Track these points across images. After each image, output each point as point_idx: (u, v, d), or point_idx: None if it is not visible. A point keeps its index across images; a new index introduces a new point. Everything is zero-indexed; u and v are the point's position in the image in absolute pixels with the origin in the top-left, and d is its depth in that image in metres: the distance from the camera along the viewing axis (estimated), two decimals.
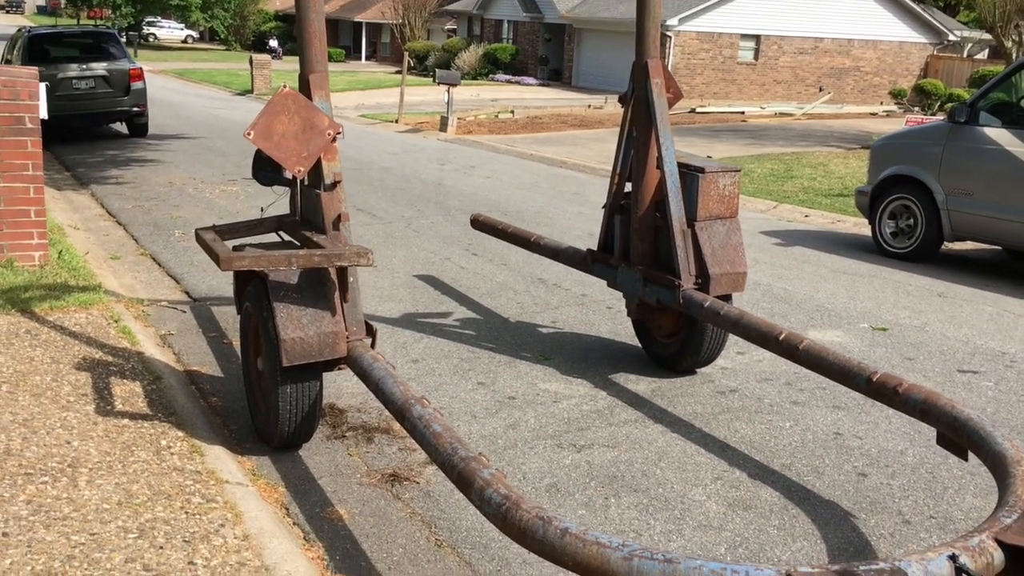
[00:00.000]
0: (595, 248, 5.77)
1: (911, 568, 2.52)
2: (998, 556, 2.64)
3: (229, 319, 6.40)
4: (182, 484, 3.89)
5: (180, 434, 4.38)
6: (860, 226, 10.50)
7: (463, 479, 3.05)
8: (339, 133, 4.30)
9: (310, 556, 3.55)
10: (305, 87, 4.40)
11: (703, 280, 5.02)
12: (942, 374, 5.56)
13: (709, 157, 7.27)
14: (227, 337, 6.06)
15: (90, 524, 3.48)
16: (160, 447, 4.23)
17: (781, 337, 4.33)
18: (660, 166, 5.08)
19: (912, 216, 8.97)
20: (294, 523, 3.82)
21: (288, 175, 4.68)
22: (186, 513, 3.65)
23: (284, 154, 4.18)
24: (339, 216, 4.30)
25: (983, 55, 36.92)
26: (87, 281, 6.79)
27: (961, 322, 6.73)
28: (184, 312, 6.57)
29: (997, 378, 5.54)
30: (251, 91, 29.45)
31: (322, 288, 4.15)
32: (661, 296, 5.14)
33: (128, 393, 4.81)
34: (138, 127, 16.52)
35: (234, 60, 45.61)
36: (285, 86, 4.25)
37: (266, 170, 4.81)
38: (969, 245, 9.59)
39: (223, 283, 7.26)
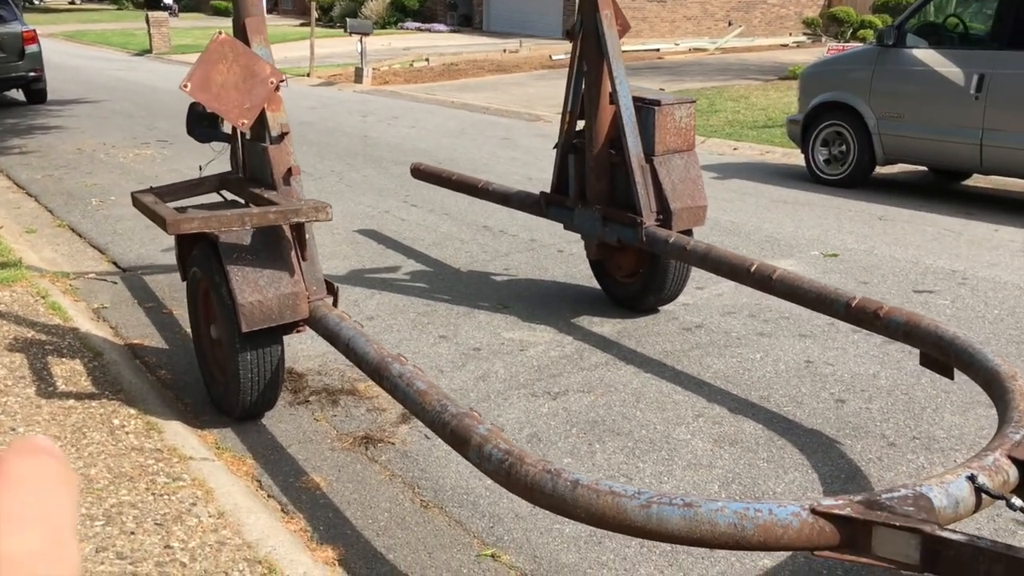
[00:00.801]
0: (548, 191, 5.61)
1: (933, 492, 2.47)
2: (1013, 473, 2.61)
3: (165, 287, 6.08)
4: (143, 464, 3.66)
5: (132, 411, 4.12)
6: (789, 156, 10.55)
7: (457, 437, 2.90)
8: (282, 81, 4.03)
9: (292, 529, 3.37)
10: (241, 33, 4.10)
11: (664, 216, 4.91)
12: (899, 295, 5.59)
13: (662, 89, 7.15)
14: (166, 306, 5.75)
15: None
16: (113, 427, 3.97)
17: (752, 268, 4.25)
18: (614, 101, 4.92)
19: (844, 142, 9.02)
20: (269, 496, 3.63)
21: (228, 129, 4.41)
22: (153, 495, 3.43)
23: (225, 106, 3.90)
24: (289, 170, 4.05)
25: None
26: (5, 257, 6.38)
27: (906, 243, 6.80)
28: (115, 283, 6.21)
29: (952, 296, 5.59)
30: (150, 51, 28.17)
31: (277, 247, 3.92)
32: (622, 235, 5.02)
33: (69, 372, 4.51)
34: (36, 93, 15.61)
35: (128, 19, 43.62)
36: (220, 33, 3.95)
37: (201, 126, 4.53)
38: (897, 169, 9.71)
39: (153, 250, 6.91)
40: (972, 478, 2.53)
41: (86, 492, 3.40)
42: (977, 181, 9.33)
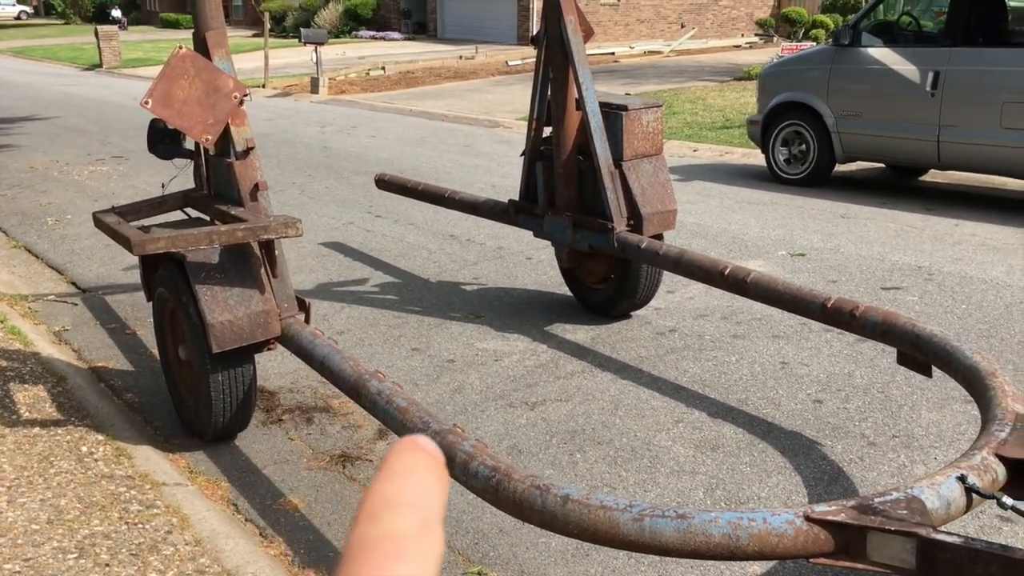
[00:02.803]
0: (516, 198, 5.56)
1: (924, 494, 2.46)
2: (1001, 471, 2.61)
3: (127, 308, 5.94)
4: (115, 492, 3.55)
5: (100, 437, 4.01)
6: (749, 156, 10.61)
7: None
8: (246, 95, 3.95)
9: (272, 553, 3.29)
10: (202, 46, 4.01)
11: (635, 221, 4.89)
12: (868, 293, 5.62)
13: (628, 94, 7.12)
14: (129, 327, 5.61)
15: (22, 549, 3.13)
16: (82, 454, 3.85)
17: (726, 272, 4.24)
18: (581, 107, 4.90)
19: (804, 141, 9.08)
20: (246, 519, 3.54)
21: (191, 146, 4.31)
22: (126, 524, 3.33)
23: (188, 123, 3.81)
24: (256, 185, 3.97)
25: None
26: None
27: (871, 241, 6.85)
28: (76, 305, 6.06)
29: (920, 292, 5.64)
30: (100, 65, 27.73)
31: (246, 265, 3.83)
32: (593, 241, 4.99)
33: (32, 399, 4.38)
34: None
35: (76, 34, 42.92)
36: (181, 47, 3.86)
37: (163, 142, 4.42)
38: (855, 166, 9.81)
39: (113, 270, 6.76)
40: (962, 478, 2.53)
41: (56, 524, 3.29)
42: (935, 177, 9.45)
